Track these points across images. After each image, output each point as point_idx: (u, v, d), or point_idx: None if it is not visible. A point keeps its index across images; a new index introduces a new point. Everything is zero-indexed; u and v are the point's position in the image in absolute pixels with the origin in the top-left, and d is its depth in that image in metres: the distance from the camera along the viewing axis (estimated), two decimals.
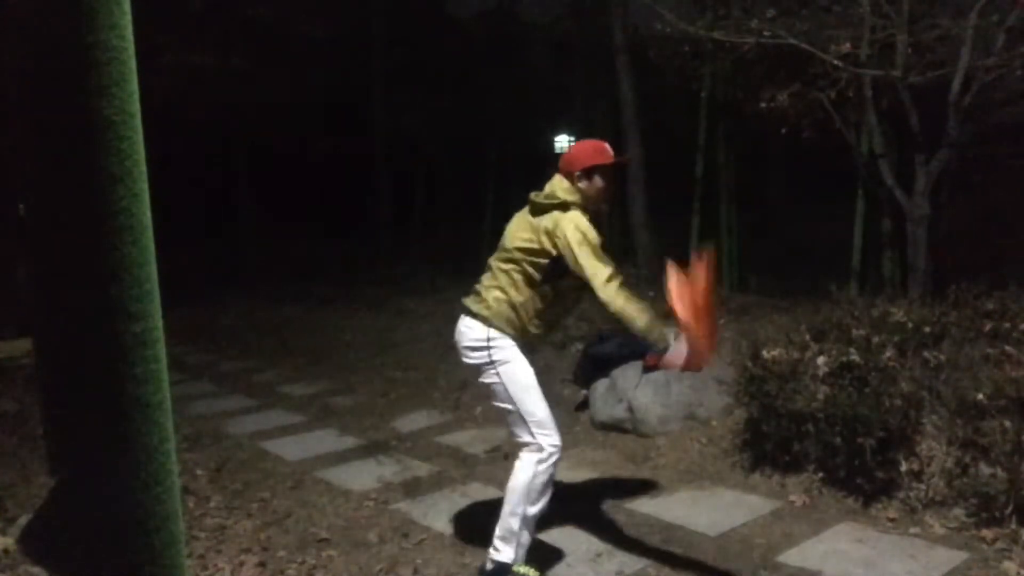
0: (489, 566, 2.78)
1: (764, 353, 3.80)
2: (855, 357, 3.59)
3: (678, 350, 2.47)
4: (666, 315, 2.55)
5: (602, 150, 2.86)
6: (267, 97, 12.25)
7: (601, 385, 4.66)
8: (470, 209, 13.96)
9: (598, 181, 2.81)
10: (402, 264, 12.38)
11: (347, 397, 5.64)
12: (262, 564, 2.96)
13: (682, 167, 10.63)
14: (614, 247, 13.13)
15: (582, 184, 2.80)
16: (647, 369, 4.51)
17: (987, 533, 2.85)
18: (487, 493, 3.65)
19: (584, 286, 2.72)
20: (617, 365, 4.63)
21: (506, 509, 2.76)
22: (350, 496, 3.67)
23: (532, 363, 2.87)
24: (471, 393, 5.54)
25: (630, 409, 4.38)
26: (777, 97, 6.69)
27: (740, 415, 3.97)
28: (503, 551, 2.75)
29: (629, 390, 4.44)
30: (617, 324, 2.78)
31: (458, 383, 5.76)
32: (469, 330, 2.82)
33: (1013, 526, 2.81)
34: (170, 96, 9.96)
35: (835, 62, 6.04)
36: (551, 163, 3.16)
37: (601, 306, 2.66)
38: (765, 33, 6.27)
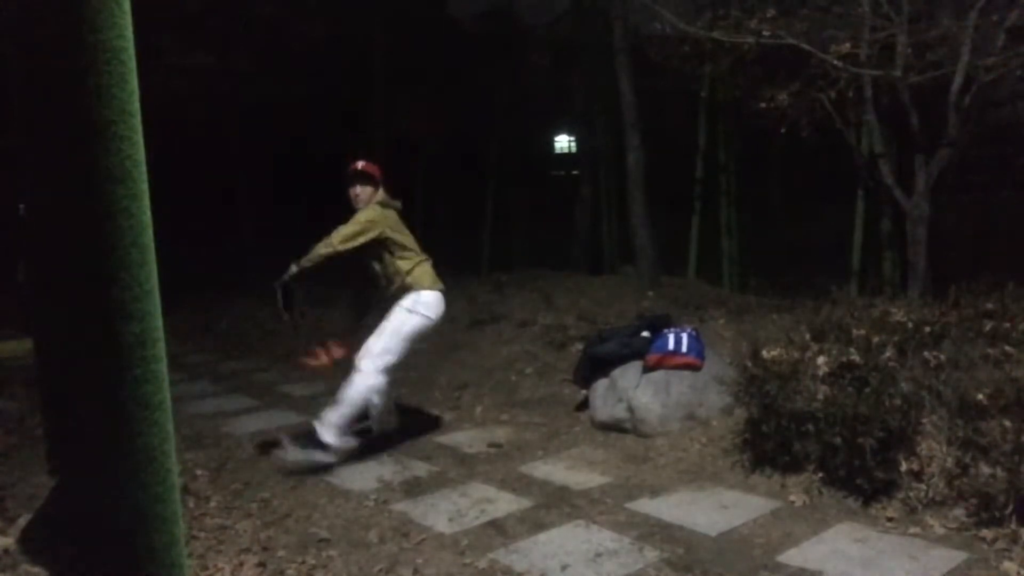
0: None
1: (764, 353, 3.80)
2: (855, 357, 3.59)
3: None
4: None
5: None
6: (267, 97, 12.25)
7: (601, 385, 4.66)
8: (470, 208, 13.96)
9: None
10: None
11: None
12: (262, 564, 2.96)
13: (682, 167, 10.64)
14: (613, 247, 13.16)
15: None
16: (647, 369, 4.53)
17: (987, 533, 2.85)
18: (487, 493, 3.65)
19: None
20: (617, 365, 4.63)
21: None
22: (350, 496, 3.67)
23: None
24: (471, 393, 5.55)
25: (630, 409, 4.38)
26: (777, 97, 6.70)
27: (740, 415, 3.97)
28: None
29: (629, 390, 4.44)
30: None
31: (459, 383, 5.76)
32: None
33: (1013, 526, 2.81)
34: (170, 96, 9.95)
35: (835, 62, 6.05)
36: (551, 163, 3.19)
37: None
38: (765, 33, 6.28)
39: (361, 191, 4.18)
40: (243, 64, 11.43)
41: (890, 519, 3.08)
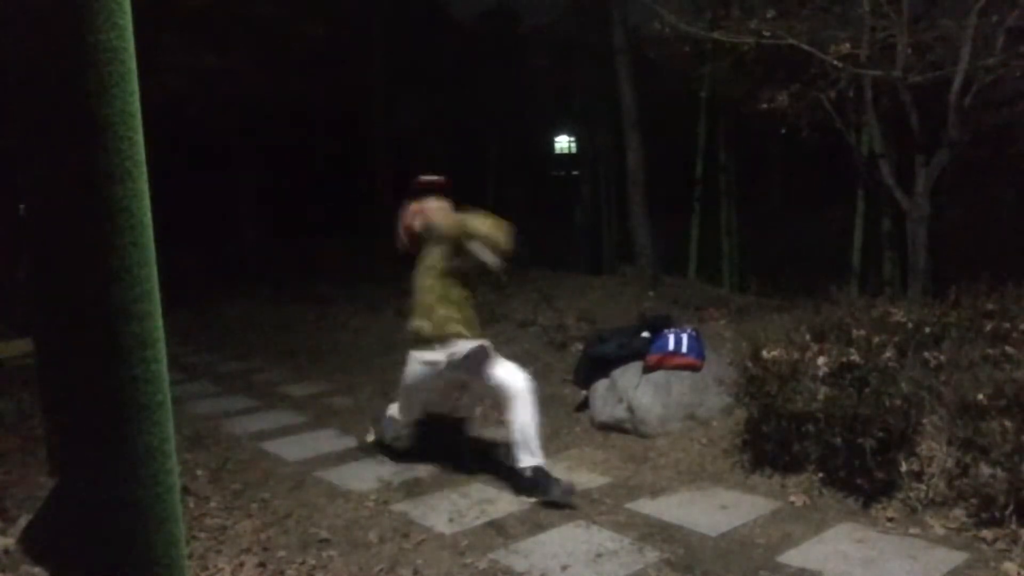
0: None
1: (764, 353, 3.80)
2: (855, 357, 3.58)
3: None
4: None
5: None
6: (267, 97, 12.25)
7: (601, 385, 4.66)
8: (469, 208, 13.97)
9: None
10: (402, 264, 12.37)
11: (347, 397, 5.64)
12: (262, 564, 2.96)
13: (682, 167, 10.65)
14: (613, 247, 13.18)
15: None
16: (647, 369, 4.53)
17: (987, 533, 2.84)
18: (487, 493, 3.65)
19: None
20: (617, 365, 4.63)
21: None
22: (350, 496, 3.67)
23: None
24: (471, 394, 5.54)
25: (630, 409, 4.38)
26: (777, 97, 6.71)
27: (740, 415, 3.97)
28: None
29: (629, 390, 4.44)
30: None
31: (459, 383, 5.75)
32: None
33: (1013, 526, 2.81)
34: (170, 96, 9.95)
35: (835, 62, 6.05)
36: (551, 163, 3.21)
37: None
38: (765, 33, 6.29)
39: (435, 203, 4.00)
40: (243, 64, 11.43)
41: (890, 519, 3.08)
